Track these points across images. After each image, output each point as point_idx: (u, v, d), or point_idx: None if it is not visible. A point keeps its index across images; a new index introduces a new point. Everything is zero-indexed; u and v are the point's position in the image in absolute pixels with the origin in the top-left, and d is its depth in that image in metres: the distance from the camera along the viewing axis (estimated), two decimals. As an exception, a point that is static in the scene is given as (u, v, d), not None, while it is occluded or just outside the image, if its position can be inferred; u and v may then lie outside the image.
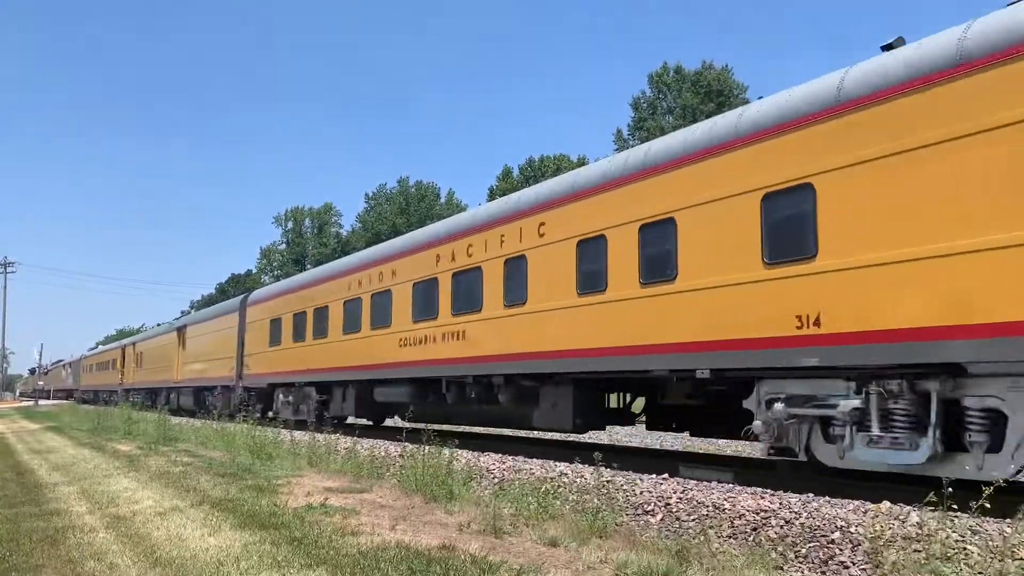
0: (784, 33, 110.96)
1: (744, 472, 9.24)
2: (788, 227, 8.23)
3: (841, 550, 5.83)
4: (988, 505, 5.06)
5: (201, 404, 29.49)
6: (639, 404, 12.62)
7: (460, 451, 11.28)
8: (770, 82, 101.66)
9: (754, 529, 6.64)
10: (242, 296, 28.07)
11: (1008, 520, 5.95)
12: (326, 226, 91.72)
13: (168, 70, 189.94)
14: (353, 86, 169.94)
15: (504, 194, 43.95)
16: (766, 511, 6.90)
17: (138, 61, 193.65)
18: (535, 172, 61.10)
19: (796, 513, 6.71)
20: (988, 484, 5.22)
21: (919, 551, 5.11)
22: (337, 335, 18.67)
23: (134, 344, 46.74)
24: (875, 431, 7.50)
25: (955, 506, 5.16)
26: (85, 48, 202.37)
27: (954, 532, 5.63)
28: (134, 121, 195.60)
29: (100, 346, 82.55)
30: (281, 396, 22.59)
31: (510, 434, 18.25)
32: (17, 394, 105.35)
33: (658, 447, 15.65)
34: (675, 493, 7.99)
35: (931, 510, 5.27)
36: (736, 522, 6.86)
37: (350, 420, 21.76)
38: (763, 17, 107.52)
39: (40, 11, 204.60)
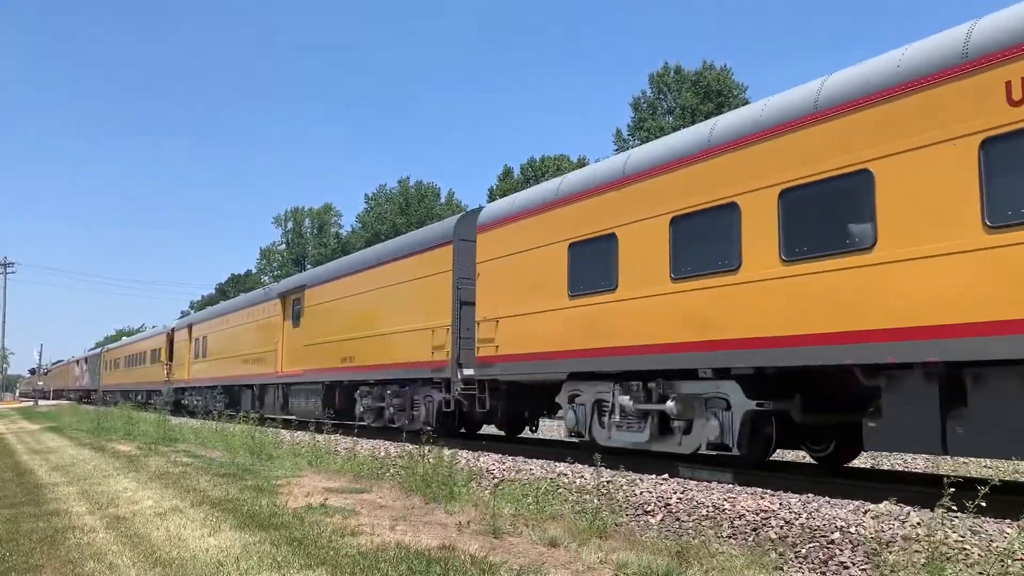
0: (784, 33, 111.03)
1: (744, 472, 9.22)
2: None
3: (841, 550, 5.83)
4: (984, 504, 5.05)
5: (343, 411, 19.06)
6: None
7: (460, 451, 11.30)
8: (770, 82, 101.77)
9: (754, 529, 6.64)
10: (458, 217, 15.61)
11: (1008, 520, 5.95)
12: (326, 226, 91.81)
13: (168, 70, 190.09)
14: (353, 86, 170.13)
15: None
16: (766, 511, 6.91)
17: (138, 61, 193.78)
18: (536, 172, 61.13)
19: (796, 513, 6.72)
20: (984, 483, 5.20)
21: (919, 551, 5.11)
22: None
23: (190, 326, 33.47)
24: None
25: (954, 507, 5.16)
26: (85, 47, 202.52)
27: (954, 532, 5.63)
28: (134, 121, 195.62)
29: (114, 342, 68.70)
30: (625, 402, 10.46)
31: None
32: (17, 394, 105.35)
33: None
34: (675, 493, 7.99)
35: (930, 510, 5.27)
36: (736, 522, 6.86)
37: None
38: (762, 17, 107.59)
39: (40, 10, 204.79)
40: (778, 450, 10.18)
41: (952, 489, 5.11)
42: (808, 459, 11.76)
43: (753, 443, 9.19)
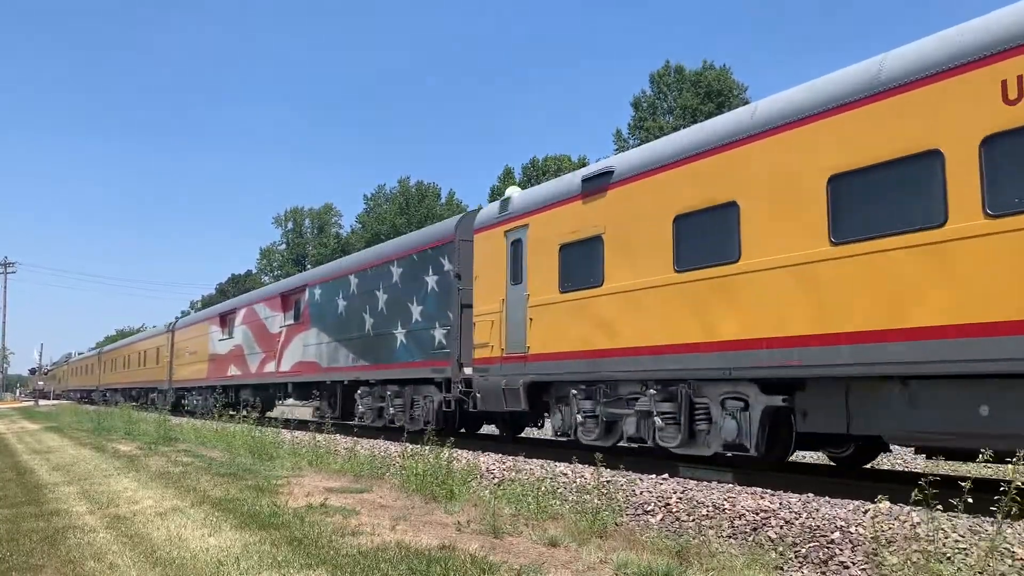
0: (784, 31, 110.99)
1: (744, 472, 9.23)
2: None
3: (841, 550, 5.84)
4: (971, 500, 5.07)
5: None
6: None
7: (460, 451, 11.29)
8: (772, 81, 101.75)
9: (754, 529, 6.64)
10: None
11: (1008, 520, 5.94)
12: (326, 226, 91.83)
13: (168, 69, 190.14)
14: (354, 86, 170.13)
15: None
16: (766, 511, 6.91)
17: (138, 60, 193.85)
18: (538, 171, 61.14)
19: (796, 513, 6.72)
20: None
21: (919, 551, 5.11)
22: None
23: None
24: None
25: (941, 506, 5.17)
26: (85, 46, 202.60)
27: (954, 532, 5.63)
28: (134, 120, 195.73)
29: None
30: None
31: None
32: (18, 394, 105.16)
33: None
34: (675, 493, 7.99)
35: (930, 510, 5.27)
36: (736, 522, 6.86)
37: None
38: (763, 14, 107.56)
39: (40, 10, 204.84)
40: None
41: (932, 490, 5.11)
42: (811, 459, 11.74)
43: None
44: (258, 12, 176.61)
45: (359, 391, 18.15)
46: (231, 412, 20.90)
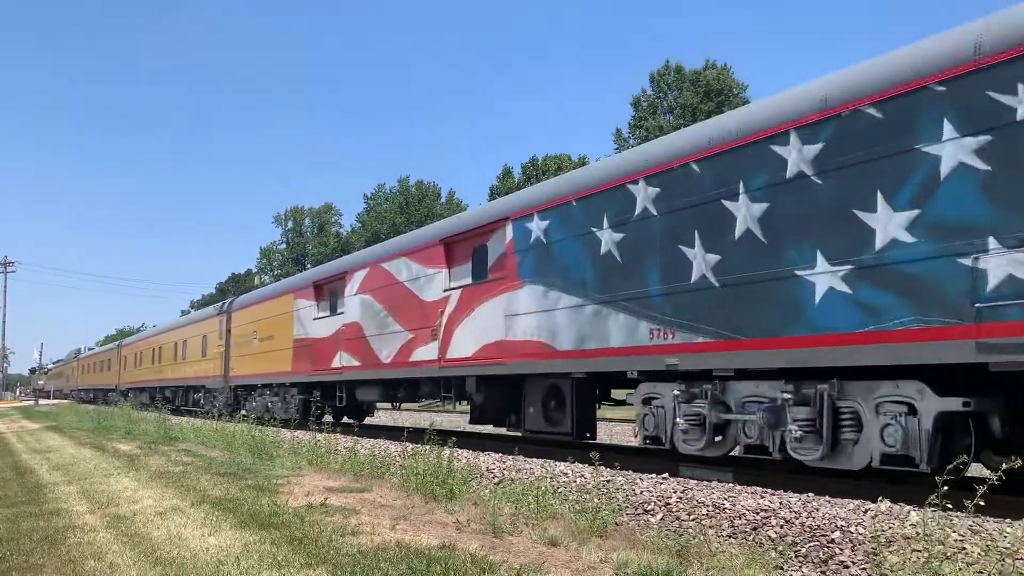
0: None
1: (744, 472, 9.23)
2: None
3: (841, 550, 5.84)
4: (983, 503, 5.06)
5: None
6: None
7: (460, 450, 11.29)
8: (772, 81, 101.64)
9: (754, 529, 6.64)
10: None
11: (1008, 520, 5.95)
12: (326, 226, 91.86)
13: (168, 68, 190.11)
14: (354, 85, 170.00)
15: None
16: (766, 511, 6.91)
17: (138, 60, 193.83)
18: (537, 171, 61.11)
19: (796, 513, 6.72)
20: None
21: (919, 551, 5.11)
22: None
23: None
24: None
25: (949, 505, 5.16)
26: (85, 45, 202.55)
27: (954, 532, 5.63)
28: (134, 120, 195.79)
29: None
30: None
31: (509, 433, 18.22)
32: (18, 393, 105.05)
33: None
34: (675, 493, 7.99)
35: (931, 510, 5.27)
36: (736, 521, 6.86)
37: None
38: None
39: (39, 10, 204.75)
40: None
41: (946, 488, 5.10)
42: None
43: None
44: (258, 11, 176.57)
45: (647, 391, 10.38)
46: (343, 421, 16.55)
